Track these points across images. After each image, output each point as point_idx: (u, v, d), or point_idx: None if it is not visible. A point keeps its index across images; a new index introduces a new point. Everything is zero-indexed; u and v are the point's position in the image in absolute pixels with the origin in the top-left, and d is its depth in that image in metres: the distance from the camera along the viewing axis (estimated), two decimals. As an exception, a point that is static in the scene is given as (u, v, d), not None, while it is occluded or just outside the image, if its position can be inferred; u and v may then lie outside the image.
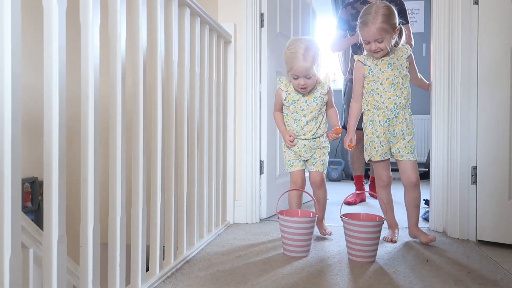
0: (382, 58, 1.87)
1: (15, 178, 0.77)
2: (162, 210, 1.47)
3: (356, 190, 3.14)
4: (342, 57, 4.57)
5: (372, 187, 3.20)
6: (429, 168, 2.27)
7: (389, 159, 1.92)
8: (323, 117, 1.96)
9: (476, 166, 1.95)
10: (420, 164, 4.44)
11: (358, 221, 1.64)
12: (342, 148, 4.62)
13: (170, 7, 1.57)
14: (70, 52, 1.00)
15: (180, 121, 1.67)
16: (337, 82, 5.07)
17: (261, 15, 2.37)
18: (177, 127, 1.62)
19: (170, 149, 1.56)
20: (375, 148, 1.90)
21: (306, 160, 1.98)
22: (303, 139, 1.93)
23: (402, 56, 1.88)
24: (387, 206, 1.97)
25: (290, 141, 1.93)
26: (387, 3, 1.87)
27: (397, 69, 1.86)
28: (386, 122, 1.87)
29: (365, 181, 3.23)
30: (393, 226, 2.00)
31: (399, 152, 1.88)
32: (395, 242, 1.92)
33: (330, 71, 5.09)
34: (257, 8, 2.35)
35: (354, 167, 3.17)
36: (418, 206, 1.93)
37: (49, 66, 0.94)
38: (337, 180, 4.30)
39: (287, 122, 1.96)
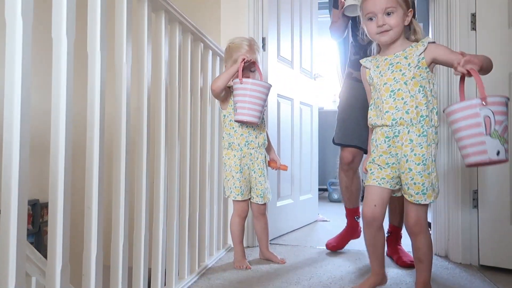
0: (386, 57, 1.46)
1: (21, 208, 0.78)
2: (164, 235, 1.47)
3: (347, 224, 2.23)
4: (342, 73, 4.57)
5: (392, 243, 2.04)
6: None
7: (387, 190, 1.45)
8: (265, 130, 1.95)
9: (477, 190, 1.95)
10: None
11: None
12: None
13: (174, 33, 1.60)
14: (77, 76, 1.02)
15: (182, 145, 1.68)
16: (337, 103, 5.10)
17: (263, 39, 2.41)
18: (181, 150, 1.63)
19: (172, 173, 1.57)
20: (371, 170, 1.48)
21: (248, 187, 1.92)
22: (248, 148, 1.87)
23: (413, 53, 1.42)
24: (369, 250, 1.51)
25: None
26: None
27: (400, 70, 1.41)
28: (384, 142, 1.43)
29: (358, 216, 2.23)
30: (375, 275, 1.52)
31: (407, 188, 1.41)
32: None
33: (330, 91, 5.14)
34: (259, 32, 2.39)
35: (344, 198, 2.22)
36: (425, 260, 1.44)
37: (57, 93, 0.96)
38: (338, 201, 4.29)
39: (228, 132, 1.89)
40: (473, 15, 1.98)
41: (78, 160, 1.15)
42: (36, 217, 2.18)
